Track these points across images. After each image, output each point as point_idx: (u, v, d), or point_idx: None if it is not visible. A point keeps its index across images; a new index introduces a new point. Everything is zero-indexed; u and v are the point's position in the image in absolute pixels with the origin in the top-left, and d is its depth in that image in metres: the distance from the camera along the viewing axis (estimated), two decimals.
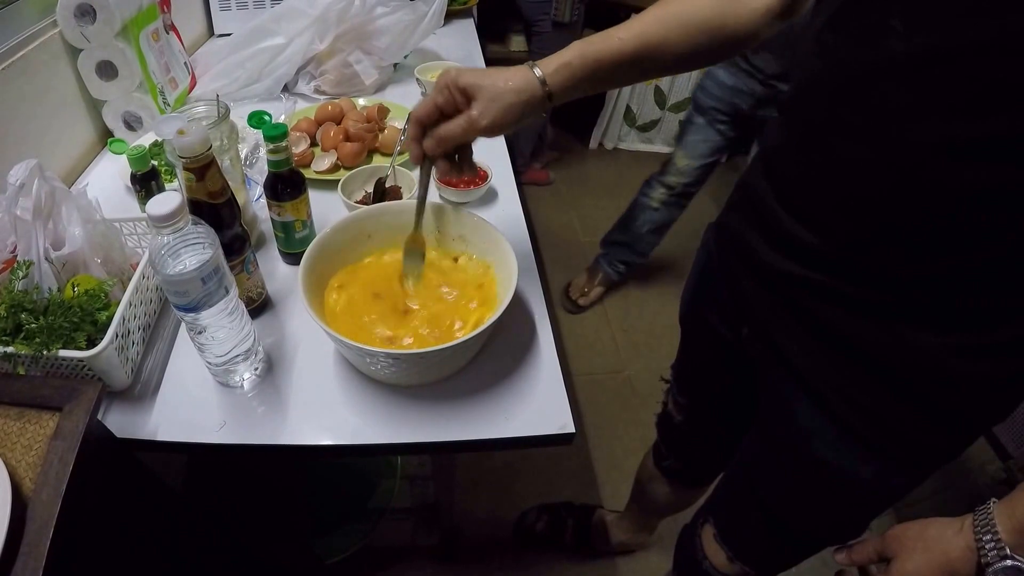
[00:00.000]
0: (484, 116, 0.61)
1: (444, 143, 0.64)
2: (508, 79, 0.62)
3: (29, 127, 0.98)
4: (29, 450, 0.54)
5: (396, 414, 0.70)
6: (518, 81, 0.61)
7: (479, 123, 0.62)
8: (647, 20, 0.63)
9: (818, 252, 0.57)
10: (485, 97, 0.61)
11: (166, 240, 0.58)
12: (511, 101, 0.61)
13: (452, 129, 0.63)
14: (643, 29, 0.62)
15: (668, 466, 1.11)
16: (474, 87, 0.61)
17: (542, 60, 0.62)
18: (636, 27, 0.62)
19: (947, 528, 0.52)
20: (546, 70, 0.62)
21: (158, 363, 0.75)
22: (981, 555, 0.49)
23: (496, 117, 0.61)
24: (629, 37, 0.62)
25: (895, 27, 0.46)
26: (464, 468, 1.56)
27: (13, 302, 0.63)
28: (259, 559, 1.07)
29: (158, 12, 1.20)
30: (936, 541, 0.52)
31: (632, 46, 0.62)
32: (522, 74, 0.62)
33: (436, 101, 0.64)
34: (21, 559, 0.47)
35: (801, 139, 0.58)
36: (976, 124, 0.44)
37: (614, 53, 0.62)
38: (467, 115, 0.62)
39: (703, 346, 0.87)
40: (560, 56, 0.62)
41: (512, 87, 0.61)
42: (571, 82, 0.62)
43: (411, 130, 0.66)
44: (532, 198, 2.75)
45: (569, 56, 0.62)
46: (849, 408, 0.61)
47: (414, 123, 0.66)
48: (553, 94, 0.62)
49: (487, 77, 0.62)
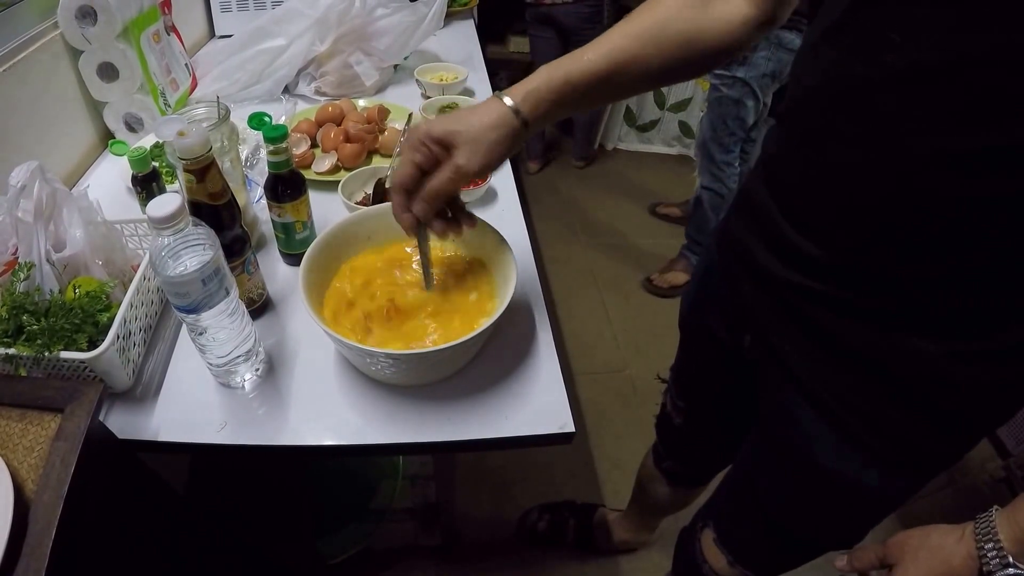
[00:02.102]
0: (471, 162, 0.58)
1: (435, 201, 0.61)
2: (482, 118, 0.59)
3: (30, 129, 0.98)
4: (31, 452, 0.54)
5: (397, 414, 0.70)
6: (492, 117, 0.58)
7: (467, 170, 0.59)
8: (615, 37, 0.60)
9: (818, 260, 0.57)
10: (465, 141, 0.58)
11: (167, 241, 0.58)
12: (492, 139, 0.58)
13: (440, 184, 0.60)
14: (612, 46, 0.59)
15: (667, 467, 1.11)
16: (451, 135, 0.58)
17: (509, 89, 0.60)
18: (605, 45, 0.60)
19: (949, 535, 0.52)
20: (516, 99, 0.59)
21: (159, 364, 0.76)
22: (983, 563, 0.49)
23: (482, 160, 0.59)
24: (597, 56, 0.59)
25: (893, 39, 0.46)
26: (465, 468, 1.56)
27: (14, 304, 0.64)
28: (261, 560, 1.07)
29: (159, 14, 1.21)
30: (938, 549, 0.52)
31: (603, 64, 0.59)
32: (495, 108, 0.59)
33: (414, 161, 0.60)
34: (23, 561, 0.47)
35: (799, 148, 0.58)
36: (971, 136, 0.44)
37: (584, 73, 0.59)
38: (452, 165, 0.59)
39: (703, 350, 0.86)
40: (527, 83, 0.59)
41: (489, 123, 0.58)
42: (543, 107, 0.59)
43: (395, 201, 0.62)
44: (532, 198, 2.75)
45: (536, 82, 0.59)
46: (850, 414, 0.61)
47: (397, 192, 0.62)
48: (528, 122, 0.59)
49: (460, 121, 0.59)
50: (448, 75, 1.38)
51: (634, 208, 2.72)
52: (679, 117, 2.97)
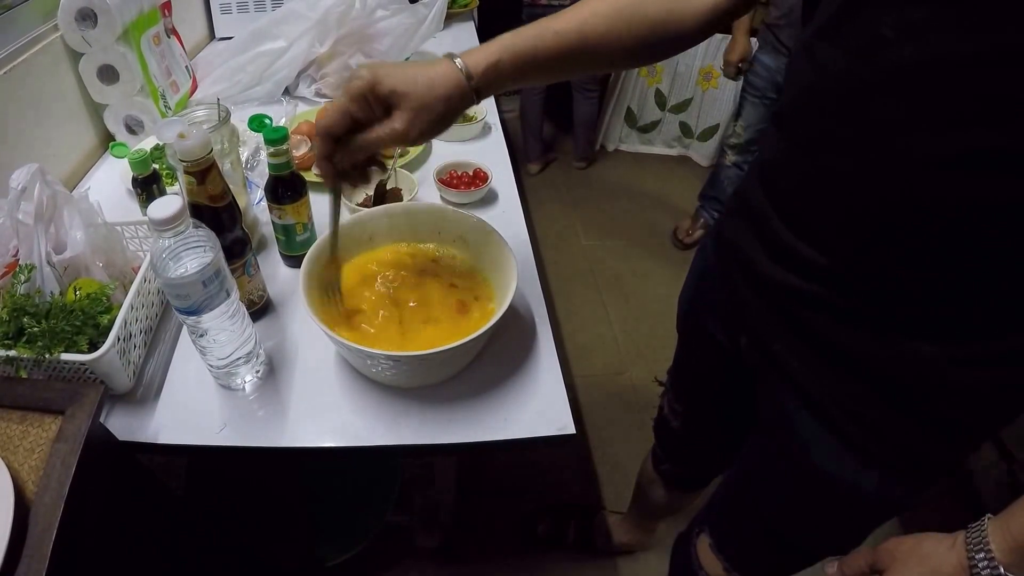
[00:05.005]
0: (413, 128, 0.55)
1: (362, 155, 0.58)
2: (433, 84, 0.55)
3: (30, 131, 0.98)
4: (31, 453, 0.54)
5: (397, 416, 0.70)
6: (446, 86, 0.55)
7: (407, 136, 0.56)
8: (585, 14, 0.58)
9: (815, 264, 0.56)
10: (411, 107, 0.55)
11: (167, 243, 0.58)
12: (440, 110, 0.55)
13: (373, 142, 0.56)
14: (583, 22, 0.58)
15: (665, 470, 1.10)
16: (398, 96, 0.55)
17: (466, 54, 0.57)
18: (574, 20, 0.58)
19: (940, 544, 0.52)
20: (473, 68, 0.56)
21: (160, 366, 0.76)
22: (974, 573, 0.48)
23: (423, 128, 0.56)
24: (567, 30, 0.57)
25: (886, 36, 0.45)
26: (465, 470, 1.56)
27: (15, 306, 0.64)
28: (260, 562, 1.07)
29: (159, 16, 1.21)
30: (929, 557, 0.52)
31: (570, 40, 0.57)
32: (449, 77, 0.55)
33: (348, 110, 0.55)
34: (24, 562, 0.47)
35: (794, 152, 0.58)
36: (967, 136, 0.43)
37: (549, 48, 0.57)
38: (390, 128, 0.55)
39: (701, 353, 0.86)
40: (487, 50, 0.57)
41: (441, 94, 0.55)
42: (499, 80, 0.57)
43: (320, 146, 0.58)
44: (533, 199, 2.75)
45: (498, 53, 0.57)
46: (848, 419, 0.60)
47: (323, 137, 0.57)
48: (480, 93, 0.57)
49: (409, 81, 0.55)
50: None
51: (635, 209, 2.72)
52: (680, 118, 2.97)
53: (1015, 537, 0.47)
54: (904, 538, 0.55)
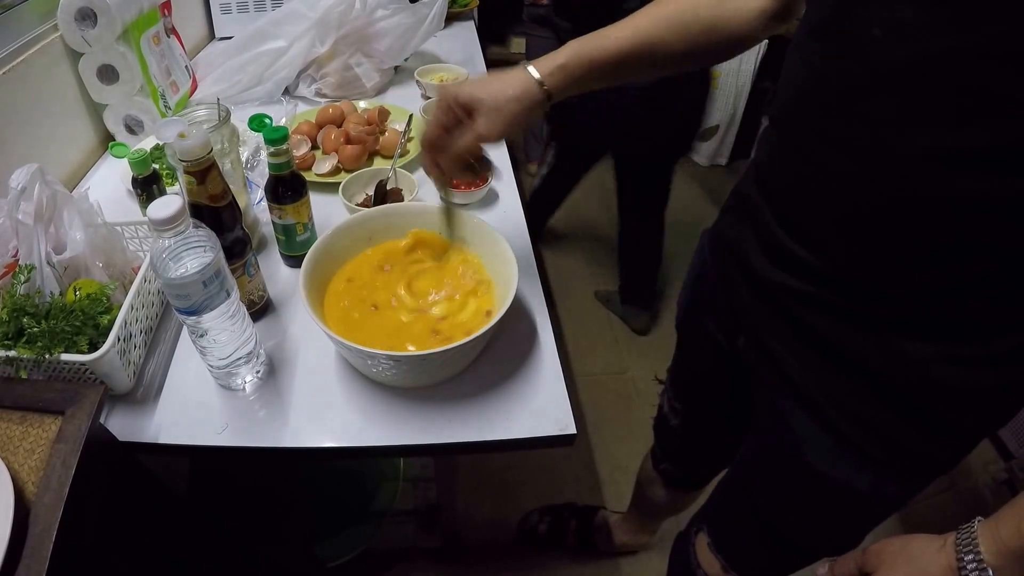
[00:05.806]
0: (491, 129, 0.63)
1: (459, 159, 0.67)
2: (507, 87, 0.63)
3: (30, 131, 0.98)
4: (31, 454, 0.54)
5: (398, 416, 0.70)
6: (517, 88, 0.63)
7: (487, 136, 0.64)
8: (642, 20, 0.64)
9: (812, 264, 0.56)
10: (487, 109, 0.63)
11: (167, 243, 0.58)
12: (513, 110, 0.63)
13: (463, 146, 0.65)
14: (639, 29, 0.63)
15: (665, 469, 1.10)
16: (475, 101, 0.63)
17: (536, 61, 0.64)
18: (631, 27, 0.64)
19: (929, 545, 0.51)
20: (543, 72, 0.63)
21: (160, 366, 0.76)
22: (962, 575, 0.48)
23: (501, 128, 0.63)
24: (625, 36, 0.63)
25: (877, 35, 0.46)
26: (466, 470, 1.56)
27: (15, 306, 0.64)
28: (261, 562, 1.07)
29: (159, 16, 1.21)
30: (917, 558, 0.51)
31: (629, 45, 0.63)
32: (520, 79, 0.63)
33: (440, 121, 0.66)
34: (24, 563, 0.47)
35: (790, 151, 0.58)
36: (959, 134, 0.43)
37: (610, 53, 0.63)
38: (473, 130, 0.64)
39: (699, 352, 0.86)
40: (555, 57, 0.64)
41: (513, 95, 0.63)
42: (567, 82, 0.64)
43: (426, 157, 0.69)
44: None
45: (565, 58, 0.63)
46: (844, 418, 0.60)
47: (428, 149, 0.68)
48: (551, 95, 0.64)
49: (485, 88, 0.63)
50: (449, 76, 1.38)
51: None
52: None
53: (1004, 540, 0.47)
54: (893, 539, 0.55)
